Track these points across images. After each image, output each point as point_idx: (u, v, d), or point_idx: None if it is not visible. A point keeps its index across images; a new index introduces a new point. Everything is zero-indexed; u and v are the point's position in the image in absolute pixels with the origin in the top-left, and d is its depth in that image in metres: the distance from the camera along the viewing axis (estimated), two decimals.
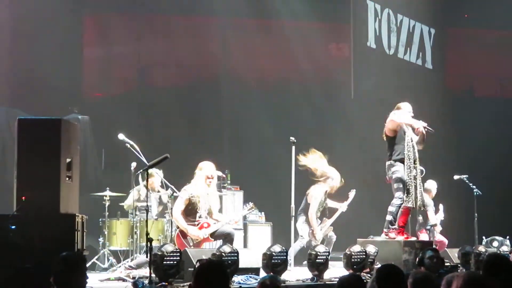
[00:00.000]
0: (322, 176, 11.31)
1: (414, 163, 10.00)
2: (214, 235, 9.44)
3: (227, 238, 9.34)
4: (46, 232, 7.08)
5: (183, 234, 9.29)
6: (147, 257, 7.95)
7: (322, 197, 11.37)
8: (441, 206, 12.78)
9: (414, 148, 10.03)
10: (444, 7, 17.26)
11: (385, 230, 10.08)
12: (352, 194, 11.73)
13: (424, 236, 12.23)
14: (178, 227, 9.33)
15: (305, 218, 11.36)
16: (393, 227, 10.02)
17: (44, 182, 7.37)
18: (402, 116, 10.07)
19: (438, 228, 12.65)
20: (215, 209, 9.58)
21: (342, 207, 11.60)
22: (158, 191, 11.24)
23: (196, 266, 4.32)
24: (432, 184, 12.55)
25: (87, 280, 5.14)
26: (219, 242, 9.35)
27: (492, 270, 5.08)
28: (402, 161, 9.95)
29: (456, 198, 13.83)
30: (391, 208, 10.02)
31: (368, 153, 13.16)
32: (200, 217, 9.36)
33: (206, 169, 9.51)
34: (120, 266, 9.88)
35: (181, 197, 9.40)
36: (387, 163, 10.07)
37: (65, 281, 4.97)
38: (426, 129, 10.12)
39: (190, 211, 9.36)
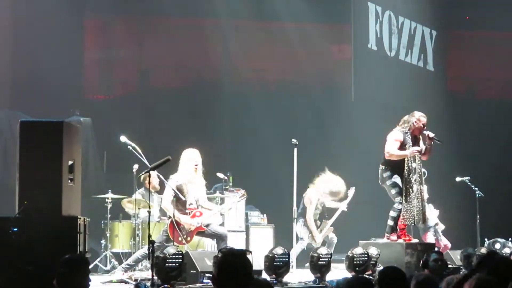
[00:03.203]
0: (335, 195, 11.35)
1: (417, 175, 9.94)
2: (207, 233, 9.38)
3: (220, 239, 9.31)
4: (48, 235, 7.07)
5: (176, 224, 9.19)
6: (148, 258, 7.94)
7: (317, 200, 11.36)
8: (436, 212, 12.73)
9: (416, 161, 9.95)
10: (445, 9, 17.24)
11: (387, 234, 10.06)
12: (351, 192, 11.70)
13: (429, 239, 12.19)
14: (169, 217, 9.26)
15: (304, 221, 11.36)
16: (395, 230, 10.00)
17: (46, 184, 7.36)
18: (392, 147, 9.90)
19: (441, 226, 12.57)
20: (202, 198, 9.50)
21: (342, 206, 11.58)
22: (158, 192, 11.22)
23: (219, 255, 4.16)
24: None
25: (90, 283, 5.14)
26: (221, 243, 9.33)
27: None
28: (395, 170, 9.89)
29: (458, 200, 13.80)
30: (392, 213, 9.98)
31: (369, 154, 13.11)
32: (190, 204, 9.31)
33: (190, 156, 9.45)
34: (116, 271, 9.77)
35: (169, 186, 9.33)
36: (381, 167, 10.03)
37: (68, 283, 4.98)
38: (433, 140, 10.03)
39: (179, 199, 9.28)
